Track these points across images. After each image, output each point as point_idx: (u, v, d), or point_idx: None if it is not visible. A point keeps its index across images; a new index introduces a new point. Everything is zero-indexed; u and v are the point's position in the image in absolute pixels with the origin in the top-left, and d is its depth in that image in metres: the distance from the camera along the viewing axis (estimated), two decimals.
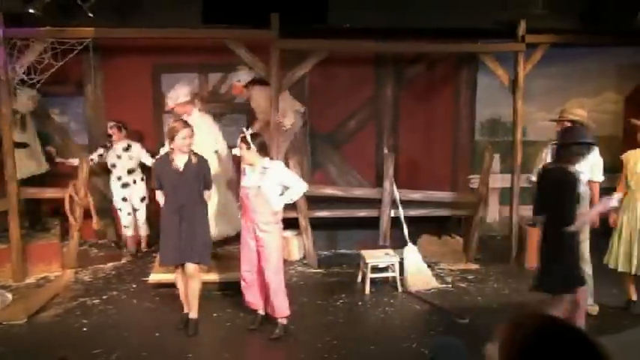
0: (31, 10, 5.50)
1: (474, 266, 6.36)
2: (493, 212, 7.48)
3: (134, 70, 6.92)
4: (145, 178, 6.65)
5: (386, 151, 6.57)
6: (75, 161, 6.26)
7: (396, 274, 5.69)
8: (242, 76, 6.22)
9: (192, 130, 4.67)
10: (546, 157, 5.03)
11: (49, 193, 6.24)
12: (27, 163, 6.26)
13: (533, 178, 5.16)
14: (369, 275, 5.63)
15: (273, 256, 4.60)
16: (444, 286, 5.84)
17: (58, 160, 6.70)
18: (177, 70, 6.96)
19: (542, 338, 1.39)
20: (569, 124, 4.88)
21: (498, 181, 7.14)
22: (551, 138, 5.27)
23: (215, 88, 7.14)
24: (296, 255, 6.65)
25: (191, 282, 4.75)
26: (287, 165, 5.69)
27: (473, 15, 6.13)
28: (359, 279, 5.89)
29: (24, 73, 5.76)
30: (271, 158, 4.71)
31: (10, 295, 5.53)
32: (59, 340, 4.65)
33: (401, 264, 5.78)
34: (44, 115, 6.90)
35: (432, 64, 7.27)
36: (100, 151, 6.65)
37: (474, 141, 7.40)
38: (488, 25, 6.24)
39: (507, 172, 6.74)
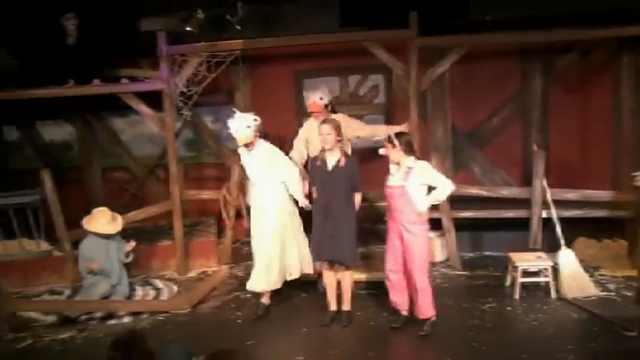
0: (188, 28, 6.04)
1: None
2: None
3: (277, 77, 7.27)
4: None
5: (535, 147, 6.16)
6: None
7: (550, 279, 5.32)
8: (325, 95, 5.65)
9: (333, 127, 4.73)
10: None
11: (206, 194, 6.80)
12: None
13: None
14: (519, 279, 5.33)
15: (417, 257, 4.55)
16: (605, 294, 5.34)
17: None
18: (317, 75, 7.17)
19: None
20: None
21: None
22: None
23: (355, 90, 7.25)
24: (439, 256, 6.50)
25: (342, 277, 4.93)
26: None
27: None
28: (507, 283, 5.60)
29: (183, 85, 6.34)
30: (418, 158, 4.63)
31: (175, 287, 6.13)
32: (217, 330, 5.03)
33: (555, 268, 5.40)
34: (199, 123, 7.53)
35: (586, 52, 6.68)
36: None
37: None
38: None
39: None
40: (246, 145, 5.08)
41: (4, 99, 6.39)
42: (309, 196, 5.13)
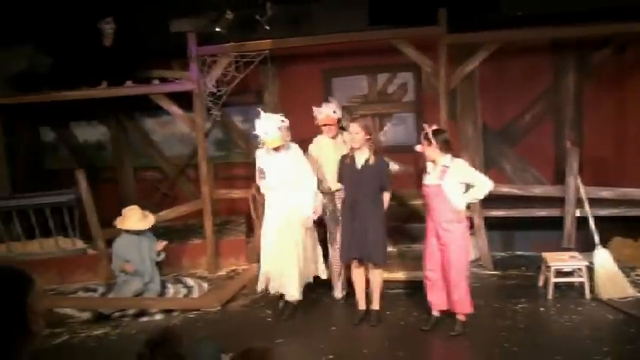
0: (217, 29, 6.10)
1: None
2: None
3: (306, 76, 7.27)
4: None
5: (569, 145, 6.03)
6: None
7: (584, 279, 5.20)
8: (337, 109, 5.42)
9: (362, 126, 4.70)
10: None
11: (236, 193, 6.86)
12: None
13: None
14: (553, 279, 5.23)
15: (455, 256, 4.49)
16: None
17: None
18: (346, 74, 7.17)
19: None
20: None
21: None
22: None
23: (383, 89, 7.22)
24: (470, 255, 6.41)
25: (371, 276, 4.91)
26: None
27: None
28: (540, 283, 5.50)
29: (213, 86, 6.41)
30: (454, 156, 4.57)
31: (205, 285, 6.21)
32: (247, 328, 5.07)
33: (589, 268, 5.28)
34: (229, 123, 7.59)
35: (621, 47, 6.49)
36: None
37: None
38: None
39: None
40: (276, 148, 5.00)
41: (40, 101, 6.58)
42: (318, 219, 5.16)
